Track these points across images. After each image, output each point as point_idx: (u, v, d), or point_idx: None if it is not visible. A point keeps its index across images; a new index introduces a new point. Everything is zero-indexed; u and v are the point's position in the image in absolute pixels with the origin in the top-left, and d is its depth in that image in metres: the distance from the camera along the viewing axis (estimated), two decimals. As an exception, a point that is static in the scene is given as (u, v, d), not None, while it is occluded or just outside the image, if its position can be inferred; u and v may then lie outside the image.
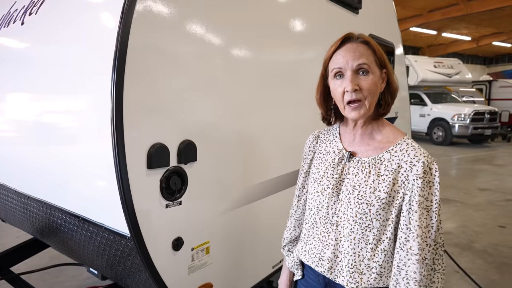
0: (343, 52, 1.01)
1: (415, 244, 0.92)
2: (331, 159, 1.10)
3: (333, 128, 1.18)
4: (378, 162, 1.00)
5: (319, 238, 1.09)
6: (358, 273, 1.00)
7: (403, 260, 0.94)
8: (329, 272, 1.06)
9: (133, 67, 1.10)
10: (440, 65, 12.00)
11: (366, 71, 0.98)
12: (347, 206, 1.01)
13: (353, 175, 1.02)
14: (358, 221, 0.99)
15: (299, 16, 1.96)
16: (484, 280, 2.94)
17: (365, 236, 0.99)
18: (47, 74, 1.43)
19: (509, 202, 5.25)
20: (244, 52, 1.58)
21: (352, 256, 1.00)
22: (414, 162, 0.95)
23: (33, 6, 1.58)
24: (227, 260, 1.59)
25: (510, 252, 3.57)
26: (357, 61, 0.98)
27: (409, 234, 0.94)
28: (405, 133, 1.05)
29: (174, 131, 1.26)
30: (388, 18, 3.31)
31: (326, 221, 1.07)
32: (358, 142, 1.07)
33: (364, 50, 1.00)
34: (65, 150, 1.38)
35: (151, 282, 1.30)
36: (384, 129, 1.05)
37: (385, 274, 1.00)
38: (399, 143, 1.00)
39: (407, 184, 0.95)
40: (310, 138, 1.23)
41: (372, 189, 0.98)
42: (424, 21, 14.71)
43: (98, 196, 1.27)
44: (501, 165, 8.03)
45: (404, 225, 0.95)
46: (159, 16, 1.20)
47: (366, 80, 0.98)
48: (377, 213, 0.97)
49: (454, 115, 10.51)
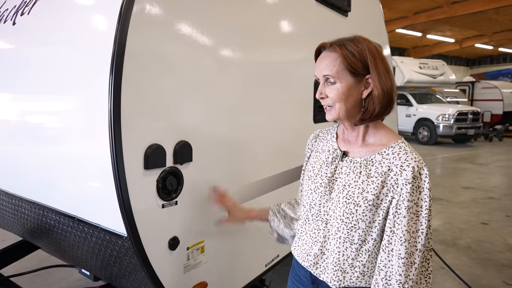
0: (317, 62, 1.06)
1: (402, 249, 0.92)
2: (325, 157, 1.13)
3: (332, 128, 1.22)
4: (369, 163, 1.01)
5: (310, 234, 1.12)
6: (341, 271, 1.02)
7: (383, 262, 0.96)
8: (314, 267, 1.09)
9: (131, 69, 1.11)
10: (425, 66, 12.26)
11: (331, 81, 1.02)
12: (337, 205, 1.03)
13: (345, 175, 1.05)
14: (345, 221, 1.01)
15: (292, 19, 2.00)
16: (468, 275, 3.04)
17: (350, 236, 1.00)
18: (43, 75, 1.42)
19: (491, 200, 5.42)
20: (237, 54, 1.61)
21: (337, 255, 1.03)
22: (404, 167, 0.96)
23: (25, 6, 1.57)
24: (221, 259, 1.61)
25: (492, 248, 3.69)
26: (322, 73, 1.03)
27: (392, 236, 0.95)
28: (401, 137, 1.05)
29: (170, 131, 1.28)
30: (376, 20, 3.38)
31: (318, 219, 1.10)
32: (352, 142, 1.10)
33: (331, 60, 1.01)
34: (61, 151, 1.38)
35: (148, 282, 1.31)
36: (378, 132, 1.07)
37: (368, 274, 1.02)
38: (392, 146, 1.01)
39: (396, 188, 0.96)
40: (311, 136, 1.27)
41: (360, 189, 0.99)
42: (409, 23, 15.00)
43: (95, 197, 1.28)
44: (483, 164, 8.27)
45: (389, 227, 0.96)
46: (155, 19, 1.21)
47: (331, 89, 1.02)
48: (363, 214, 0.98)
49: (439, 115, 10.75)
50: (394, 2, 12.85)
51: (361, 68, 1.00)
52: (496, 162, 8.52)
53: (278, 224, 1.34)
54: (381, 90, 0.99)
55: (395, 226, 0.95)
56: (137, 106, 1.16)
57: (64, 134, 1.35)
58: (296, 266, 1.22)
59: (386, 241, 0.96)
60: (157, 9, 1.21)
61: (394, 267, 0.93)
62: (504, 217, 4.65)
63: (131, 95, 1.13)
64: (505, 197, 5.55)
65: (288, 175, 2.06)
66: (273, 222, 1.35)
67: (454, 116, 10.61)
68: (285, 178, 2.04)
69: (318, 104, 2.23)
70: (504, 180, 6.82)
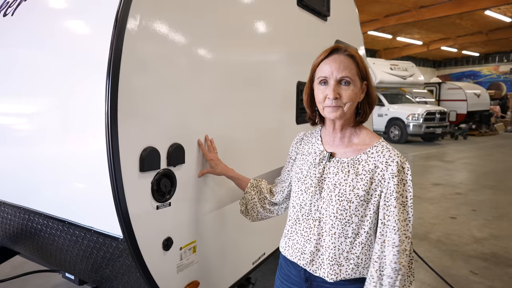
0: (330, 62, 1.11)
1: (396, 237, 1.01)
2: (312, 159, 1.19)
3: (315, 131, 1.28)
4: (356, 162, 1.10)
5: (302, 233, 1.17)
6: (337, 265, 1.09)
7: (377, 254, 1.04)
8: (311, 265, 1.14)
9: (127, 75, 1.13)
10: (395, 68, 12.73)
11: (347, 82, 1.09)
12: (329, 203, 1.10)
13: (333, 174, 1.12)
14: (339, 217, 1.08)
15: (277, 23, 2.06)
16: (439, 266, 3.23)
17: (344, 230, 1.08)
18: (37, 77, 1.40)
19: (459, 195, 5.74)
20: (225, 58, 1.65)
21: (332, 250, 1.09)
22: (389, 162, 1.06)
23: (8, 7, 1.53)
24: (212, 258, 1.64)
25: (460, 240, 3.93)
26: (341, 73, 1.08)
27: (383, 228, 1.04)
28: (380, 137, 1.16)
29: (164, 134, 1.30)
30: (352, 24, 3.51)
31: (309, 218, 1.16)
32: (337, 144, 1.17)
33: (348, 63, 1.10)
34: (54, 157, 1.36)
35: (142, 283, 1.32)
36: (361, 133, 1.16)
37: (362, 265, 1.09)
38: (375, 145, 1.11)
39: (383, 183, 1.05)
40: (296, 139, 1.33)
41: (351, 187, 1.07)
42: (380, 25, 15.52)
43: (88, 200, 1.28)
44: (451, 161, 8.72)
45: (380, 220, 1.05)
46: (151, 25, 1.23)
47: (347, 90, 1.09)
48: (356, 209, 1.06)
49: (409, 115, 11.20)
50: (366, 5, 13.26)
51: (364, 74, 1.12)
52: (462, 159, 9.00)
53: (252, 197, 1.40)
54: (373, 94, 1.14)
55: (385, 218, 1.04)
56: (133, 109, 1.17)
57: (58, 140, 1.34)
58: (285, 265, 1.25)
59: (378, 233, 1.05)
60: (153, 16, 1.23)
61: (388, 257, 1.01)
62: (470, 211, 4.94)
63: (127, 99, 1.14)
64: (471, 192, 5.90)
65: (275, 174, 2.12)
66: (249, 194, 1.41)
67: (423, 115, 11.09)
68: (274, 177, 2.10)
69: (301, 106, 2.31)
70: (470, 176, 7.23)
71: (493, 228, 4.29)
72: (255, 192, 1.41)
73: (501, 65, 24.72)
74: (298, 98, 2.33)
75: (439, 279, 2.85)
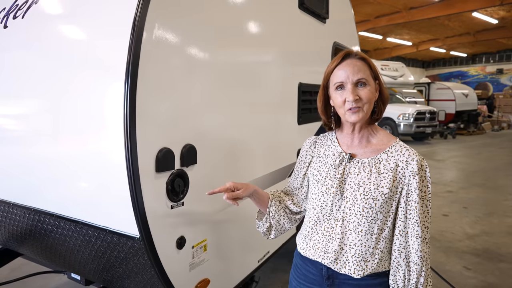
0: (344, 67, 1.15)
1: (419, 230, 1.10)
2: (331, 161, 1.22)
3: (329, 134, 1.31)
4: (377, 162, 1.15)
5: (323, 233, 1.19)
6: (364, 261, 1.13)
7: (403, 245, 1.12)
8: (335, 263, 1.16)
9: (145, 78, 1.16)
10: (386, 68, 12.91)
11: (364, 83, 1.14)
12: (354, 202, 1.14)
13: (355, 174, 1.16)
14: (365, 215, 1.12)
15: (279, 26, 2.10)
16: (434, 262, 3.32)
17: (371, 228, 1.13)
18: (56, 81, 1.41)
19: (450, 193, 5.87)
20: (234, 61, 1.68)
21: (359, 247, 1.13)
22: (409, 161, 1.12)
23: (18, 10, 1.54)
24: (221, 256, 1.68)
25: (453, 237, 4.04)
26: (356, 76, 1.13)
27: (406, 221, 1.12)
28: (396, 137, 1.21)
29: (178, 135, 1.33)
30: (349, 26, 3.58)
31: (330, 218, 1.18)
32: (356, 145, 1.21)
33: (362, 65, 1.16)
34: (69, 158, 1.37)
35: (156, 281, 1.35)
36: (378, 133, 1.22)
37: (384, 258, 1.15)
38: (393, 145, 1.17)
39: (404, 180, 1.12)
40: (307, 143, 1.34)
41: (375, 185, 1.12)
42: (371, 26, 15.70)
43: (104, 201, 1.30)
44: (441, 160, 8.89)
45: (403, 214, 1.12)
46: (167, 29, 1.26)
47: (364, 91, 1.14)
48: (381, 206, 1.12)
49: (400, 115, 11.36)
50: (357, 6, 13.40)
51: (376, 74, 1.19)
52: (451, 158, 9.19)
53: (277, 209, 1.30)
54: (385, 92, 1.20)
55: (407, 212, 1.12)
56: (150, 111, 1.20)
57: (74, 140, 1.36)
58: (302, 265, 1.26)
59: (402, 227, 1.12)
60: (171, 21, 1.26)
61: (413, 246, 1.10)
62: (462, 208, 5.07)
63: (144, 101, 1.17)
64: (462, 190, 6.04)
65: (279, 173, 2.16)
66: (275, 207, 1.31)
67: (413, 115, 11.25)
68: (277, 176, 2.14)
69: (302, 107, 2.36)
70: (459, 174, 7.39)
71: (484, 225, 4.41)
72: (280, 204, 1.33)
73: (487, 65, 25.23)
74: (300, 99, 2.38)
75: (434, 274, 2.93)
